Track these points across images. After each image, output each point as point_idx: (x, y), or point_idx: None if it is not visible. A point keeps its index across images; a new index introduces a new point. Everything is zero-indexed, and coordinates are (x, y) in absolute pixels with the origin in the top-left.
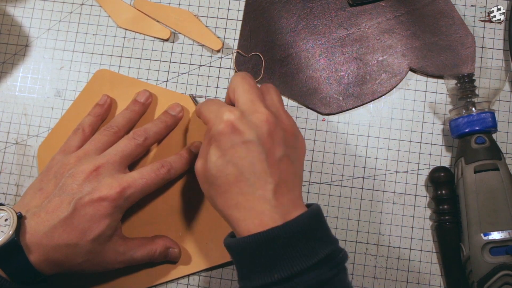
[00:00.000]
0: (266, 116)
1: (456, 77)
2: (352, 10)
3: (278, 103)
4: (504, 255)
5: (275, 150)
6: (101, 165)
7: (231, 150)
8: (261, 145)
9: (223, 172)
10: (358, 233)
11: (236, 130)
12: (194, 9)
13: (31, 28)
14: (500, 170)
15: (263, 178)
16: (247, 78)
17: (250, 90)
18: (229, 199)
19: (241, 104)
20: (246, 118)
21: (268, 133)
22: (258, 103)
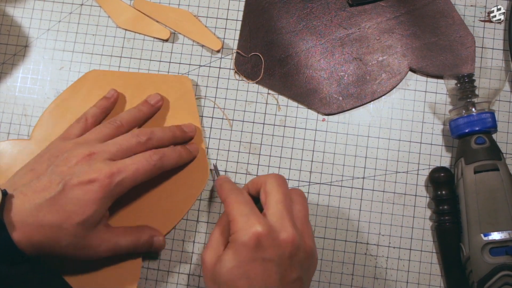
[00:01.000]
0: (292, 237)
1: (456, 77)
2: (352, 10)
3: (304, 217)
4: (504, 256)
5: (291, 272)
6: (96, 152)
7: (249, 265)
8: (279, 266)
9: (234, 283)
10: (358, 234)
11: (261, 246)
12: (194, 9)
13: (31, 28)
14: (500, 171)
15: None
16: (283, 186)
17: (284, 202)
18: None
19: (271, 215)
20: (272, 236)
21: (289, 255)
22: (287, 220)
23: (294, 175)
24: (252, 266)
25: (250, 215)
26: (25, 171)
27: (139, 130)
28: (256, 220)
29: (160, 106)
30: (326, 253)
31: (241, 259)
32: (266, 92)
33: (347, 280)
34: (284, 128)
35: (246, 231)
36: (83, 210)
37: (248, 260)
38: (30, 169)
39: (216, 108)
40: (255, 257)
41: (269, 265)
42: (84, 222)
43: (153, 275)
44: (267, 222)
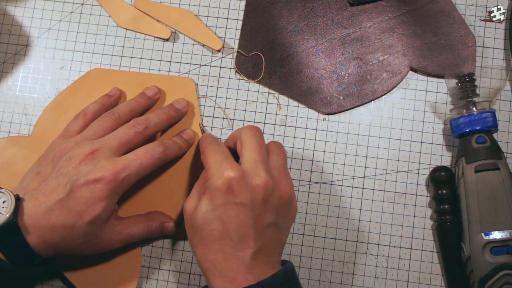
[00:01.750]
0: (265, 181)
1: (456, 77)
2: (353, 10)
3: (281, 166)
4: (504, 255)
5: (265, 216)
6: (97, 148)
7: (222, 208)
8: (252, 210)
9: (209, 226)
10: (359, 233)
11: (232, 190)
12: (195, 9)
13: (32, 27)
14: (500, 170)
15: (246, 241)
16: (258, 135)
17: (257, 149)
18: (208, 252)
19: (244, 162)
20: (245, 180)
21: (262, 199)
22: (261, 166)
23: (295, 175)
24: (225, 209)
25: (223, 162)
26: (32, 174)
27: (134, 120)
28: (229, 165)
29: (158, 99)
30: (327, 252)
31: (215, 202)
32: (267, 91)
33: (347, 279)
34: (284, 127)
35: (218, 176)
36: (92, 209)
37: (221, 203)
38: (36, 172)
39: (216, 107)
40: (228, 200)
41: (242, 208)
42: (95, 220)
43: (153, 275)
44: (239, 168)
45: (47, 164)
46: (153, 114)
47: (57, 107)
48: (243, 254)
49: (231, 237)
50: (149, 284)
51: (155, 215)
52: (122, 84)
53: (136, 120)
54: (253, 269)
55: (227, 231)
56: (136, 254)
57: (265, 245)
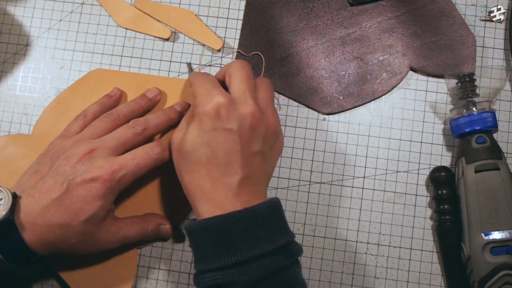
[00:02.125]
0: (252, 109)
1: (456, 77)
2: (353, 10)
3: (268, 100)
4: (504, 255)
5: (252, 144)
6: (95, 148)
7: (211, 133)
8: (240, 136)
9: (197, 151)
10: (359, 233)
11: (221, 116)
12: (195, 9)
13: (32, 27)
14: (500, 170)
15: (233, 167)
16: (246, 67)
17: (245, 80)
18: (196, 178)
19: (233, 92)
20: (233, 107)
21: (250, 127)
22: (249, 95)
23: (294, 174)
24: (213, 134)
25: (212, 89)
26: (30, 173)
27: (133, 121)
28: (218, 92)
29: (158, 100)
30: (327, 252)
31: (203, 128)
32: None
33: (347, 279)
34: (284, 127)
35: (207, 102)
36: (88, 208)
37: (210, 129)
38: (34, 171)
39: None
40: (216, 126)
41: (230, 134)
42: (91, 219)
43: (154, 275)
44: (228, 95)
45: (45, 163)
46: (152, 116)
47: (58, 107)
48: (231, 179)
49: (218, 162)
50: (148, 284)
51: (152, 217)
52: (123, 85)
53: (135, 121)
54: (240, 196)
55: (215, 156)
56: (131, 255)
57: (252, 173)
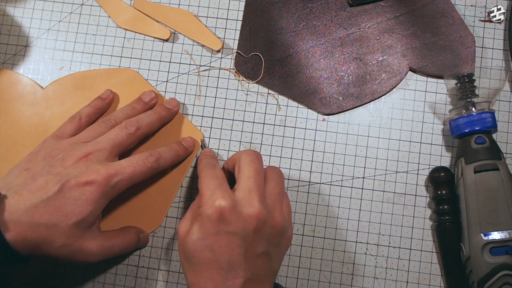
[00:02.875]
0: (257, 211)
1: (456, 77)
2: (352, 10)
3: (277, 194)
4: (504, 255)
5: (256, 246)
6: (91, 152)
7: (213, 237)
8: (243, 240)
9: (200, 254)
10: (358, 233)
11: (224, 219)
12: (194, 9)
13: (31, 28)
14: (500, 170)
15: (236, 270)
16: (256, 161)
17: (253, 177)
18: (199, 279)
19: (239, 190)
20: (236, 210)
21: (254, 230)
22: (255, 195)
23: (294, 175)
24: (216, 238)
25: (216, 190)
26: (19, 170)
27: (126, 121)
28: (221, 194)
29: (154, 104)
30: (326, 252)
31: (206, 231)
32: (266, 92)
33: (347, 280)
34: (284, 128)
35: (210, 205)
36: (79, 211)
37: (212, 232)
38: (24, 168)
39: (216, 107)
40: (219, 230)
41: (233, 238)
42: (80, 222)
43: (153, 275)
44: (232, 197)
45: (38, 162)
46: (144, 115)
47: (80, 80)
48: (233, 283)
49: (221, 266)
50: (148, 284)
51: (130, 228)
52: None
53: (128, 122)
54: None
55: (217, 260)
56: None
57: (255, 274)
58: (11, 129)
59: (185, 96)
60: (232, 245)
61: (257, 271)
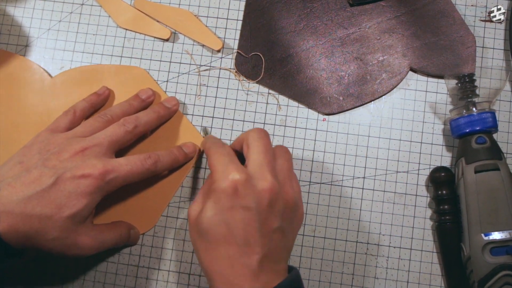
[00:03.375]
0: (270, 185)
1: (456, 77)
2: (353, 10)
3: (287, 170)
4: (504, 255)
5: (271, 221)
6: (88, 146)
7: (229, 211)
8: (258, 214)
9: (215, 229)
10: (359, 233)
11: (238, 193)
12: (194, 9)
13: (31, 28)
14: (500, 170)
15: (252, 246)
16: (264, 138)
17: (263, 152)
18: (214, 258)
19: (250, 166)
20: (250, 183)
21: (268, 203)
22: (267, 170)
23: None
24: (231, 213)
25: (229, 164)
26: (13, 163)
27: (124, 119)
28: (234, 168)
29: (152, 102)
30: (327, 252)
31: (221, 206)
32: (267, 92)
33: (347, 279)
34: (284, 128)
35: (224, 179)
36: (74, 203)
37: (227, 207)
38: (18, 161)
39: (217, 107)
40: (234, 204)
41: (248, 212)
42: (74, 215)
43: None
44: (245, 171)
45: (32, 155)
46: (142, 113)
47: (90, 73)
48: (249, 260)
49: (237, 242)
50: (148, 284)
51: (122, 223)
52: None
53: (126, 119)
54: (259, 277)
55: (233, 235)
56: None
57: (271, 250)
58: (16, 114)
59: (186, 96)
60: (247, 219)
61: (273, 248)
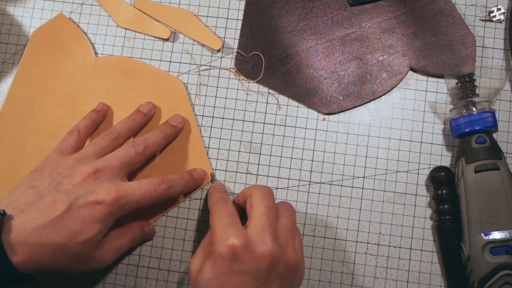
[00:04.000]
0: (270, 249)
1: (456, 77)
2: (353, 10)
3: (289, 230)
4: (504, 255)
5: (270, 285)
6: (100, 169)
7: (226, 276)
8: (257, 279)
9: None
10: (359, 233)
11: (237, 258)
12: (194, 9)
13: (31, 27)
14: (500, 170)
15: None
16: (268, 198)
17: (266, 214)
18: None
19: (252, 228)
20: (249, 248)
21: (267, 268)
22: (268, 233)
23: (294, 175)
24: (228, 278)
25: (229, 227)
26: (24, 187)
27: (133, 141)
28: (234, 232)
29: (153, 115)
30: (327, 252)
31: (219, 270)
32: (267, 91)
33: (347, 279)
34: (284, 127)
35: (223, 243)
36: (88, 230)
37: (225, 272)
38: (30, 186)
39: (217, 107)
40: (232, 269)
41: (246, 277)
42: (88, 241)
43: (153, 274)
44: (245, 235)
45: (44, 179)
46: (150, 134)
47: (133, 66)
48: None
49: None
50: (148, 284)
51: (134, 223)
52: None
53: (135, 141)
54: None
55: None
56: None
57: None
58: (50, 80)
59: None
60: (245, 285)
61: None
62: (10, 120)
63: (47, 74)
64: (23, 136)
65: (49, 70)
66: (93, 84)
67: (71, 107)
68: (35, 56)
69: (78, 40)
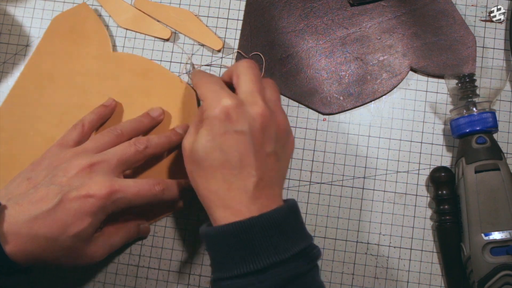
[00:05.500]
0: (262, 109)
1: (457, 77)
2: (353, 10)
3: (276, 99)
4: (504, 255)
5: (265, 145)
6: (96, 162)
7: (222, 137)
8: (252, 137)
9: (210, 156)
10: (359, 233)
11: (231, 118)
12: (195, 9)
13: (32, 27)
14: (501, 170)
15: (248, 170)
16: (254, 68)
17: (254, 80)
18: (211, 183)
19: (242, 93)
20: (243, 108)
21: (261, 127)
22: (258, 96)
23: (295, 175)
24: (224, 138)
25: (220, 91)
26: (21, 179)
27: (136, 139)
28: (226, 94)
29: (161, 121)
30: (327, 252)
31: (214, 132)
32: None
33: (347, 279)
34: None
35: (216, 105)
36: (78, 223)
37: (221, 132)
38: (26, 177)
39: None
40: (227, 129)
41: (242, 136)
42: (79, 234)
43: (153, 275)
44: (236, 97)
45: (40, 171)
46: (154, 136)
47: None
48: (246, 183)
49: (233, 165)
50: (148, 284)
51: (129, 221)
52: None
53: (137, 139)
54: (256, 200)
55: (228, 160)
56: None
57: (267, 174)
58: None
59: None
60: (241, 144)
61: (268, 172)
62: (18, 103)
63: (61, 61)
64: (28, 120)
65: (64, 58)
66: (106, 79)
67: (80, 98)
68: (53, 42)
69: (98, 32)
